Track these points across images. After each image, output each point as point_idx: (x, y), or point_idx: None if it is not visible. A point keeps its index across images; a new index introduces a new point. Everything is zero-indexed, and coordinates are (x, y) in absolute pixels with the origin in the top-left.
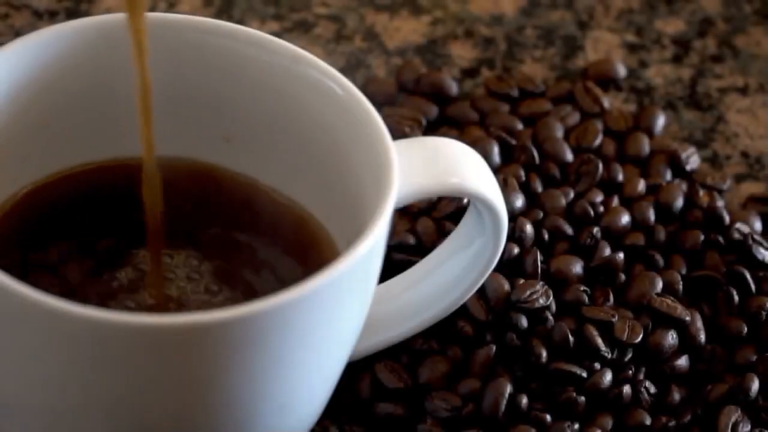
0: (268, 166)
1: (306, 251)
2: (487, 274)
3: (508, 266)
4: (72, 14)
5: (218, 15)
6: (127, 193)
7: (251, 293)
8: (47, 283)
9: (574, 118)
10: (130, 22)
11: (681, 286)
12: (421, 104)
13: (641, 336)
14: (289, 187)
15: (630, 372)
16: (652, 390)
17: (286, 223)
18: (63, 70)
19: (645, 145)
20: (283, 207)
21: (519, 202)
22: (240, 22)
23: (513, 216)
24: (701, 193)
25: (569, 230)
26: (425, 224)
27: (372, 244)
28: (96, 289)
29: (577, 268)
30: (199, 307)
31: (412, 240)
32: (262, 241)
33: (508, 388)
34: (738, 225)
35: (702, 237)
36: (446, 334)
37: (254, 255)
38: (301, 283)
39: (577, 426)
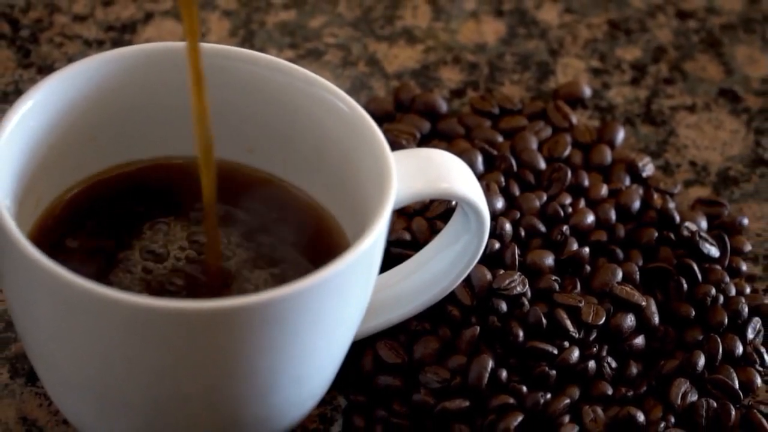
0: (285, 171)
1: (321, 243)
2: (472, 266)
3: (490, 259)
4: (117, 43)
5: (242, 44)
6: (164, 189)
7: (271, 280)
8: (89, 271)
9: (547, 132)
10: (188, 49)
11: (638, 276)
12: (416, 120)
13: (604, 318)
14: (305, 189)
15: (594, 349)
16: (613, 365)
17: (305, 220)
18: (108, 90)
19: (607, 155)
20: (303, 204)
21: (499, 204)
22: (260, 49)
23: (494, 216)
24: (655, 196)
25: (542, 228)
26: (419, 223)
27: (374, 240)
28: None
29: (549, 260)
30: (225, 292)
31: (407, 236)
32: (283, 233)
33: (490, 363)
34: (687, 224)
35: (656, 234)
36: (437, 317)
37: (274, 246)
38: (313, 272)
39: (549, 396)
